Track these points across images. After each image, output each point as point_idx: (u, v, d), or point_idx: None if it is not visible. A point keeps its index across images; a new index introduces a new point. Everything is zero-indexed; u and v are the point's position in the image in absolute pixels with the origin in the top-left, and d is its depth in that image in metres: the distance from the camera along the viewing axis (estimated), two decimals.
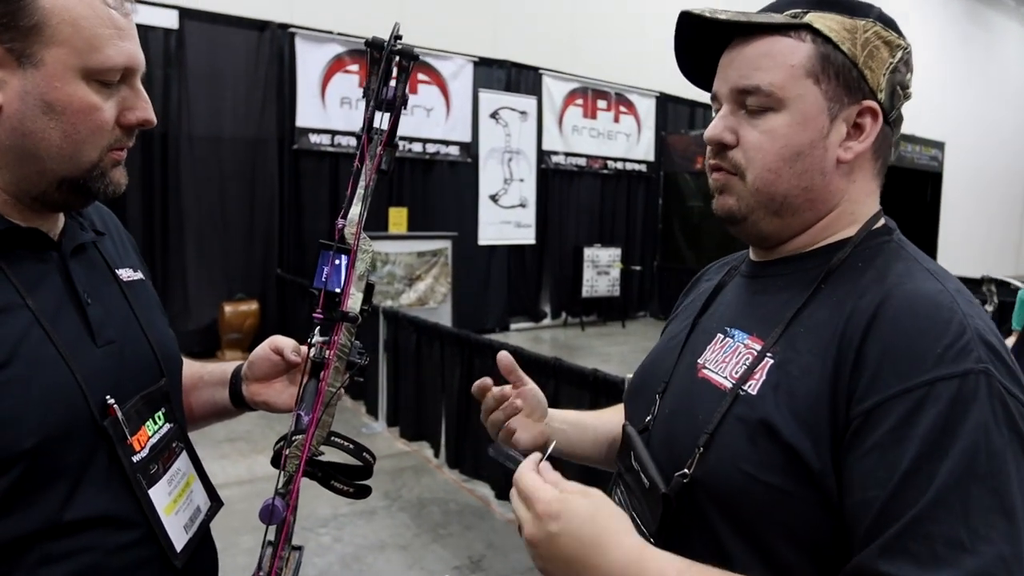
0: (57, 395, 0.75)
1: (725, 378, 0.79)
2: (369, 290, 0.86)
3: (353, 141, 7.61)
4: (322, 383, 0.82)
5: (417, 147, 8.09)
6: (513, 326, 9.23)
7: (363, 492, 0.92)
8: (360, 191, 0.87)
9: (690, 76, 0.91)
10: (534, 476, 0.71)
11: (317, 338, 0.84)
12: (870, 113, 0.78)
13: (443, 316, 7.49)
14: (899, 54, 0.79)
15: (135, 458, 0.82)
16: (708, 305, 0.94)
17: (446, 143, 8.33)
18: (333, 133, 7.48)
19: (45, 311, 0.77)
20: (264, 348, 1.06)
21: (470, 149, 8.57)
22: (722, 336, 0.85)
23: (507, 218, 9.04)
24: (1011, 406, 0.65)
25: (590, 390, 3.21)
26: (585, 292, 9.47)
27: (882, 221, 0.82)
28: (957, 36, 15.57)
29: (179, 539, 0.86)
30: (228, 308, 6.71)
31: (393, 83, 0.84)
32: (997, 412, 0.64)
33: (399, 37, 0.81)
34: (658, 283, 10.66)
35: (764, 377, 0.74)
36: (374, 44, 0.82)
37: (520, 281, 9.30)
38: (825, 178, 0.79)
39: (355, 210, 0.85)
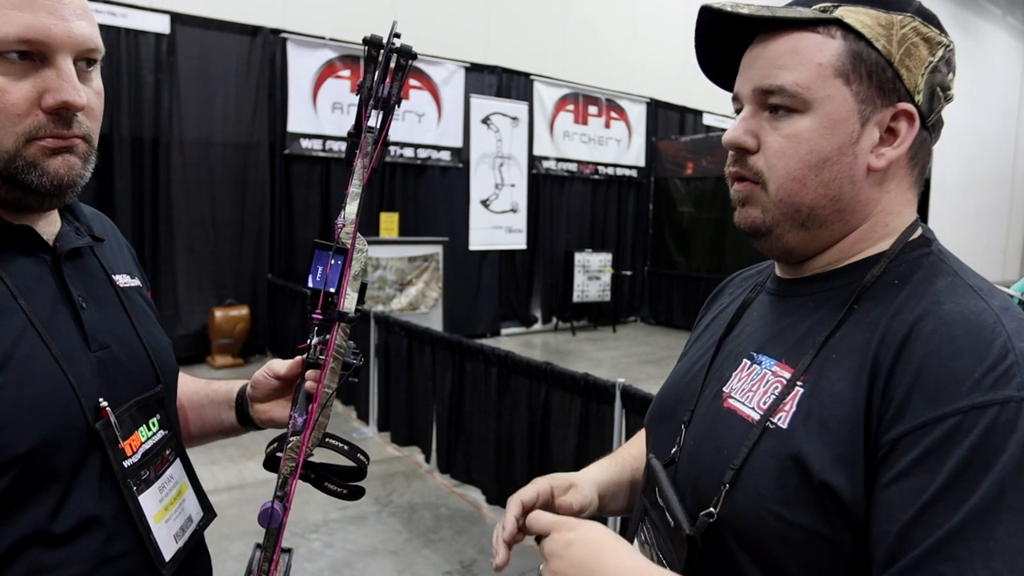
0: (51, 399, 0.73)
1: (752, 409, 0.73)
2: (362, 290, 0.85)
3: (344, 146, 7.57)
4: (319, 384, 0.81)
5: (408, 152, 8.10)
6: (504, 331, 9.23)
7: (356, 493, 0.92)
8: (353, 189, 0.86)
9: (712, 76, 0.85)
10: (543, 520, 0.78)
11: (314, 339, 0.84)
12: (905, 117, 0.71)
13: (434, 321, 7.49)
14: (940, 52, 0.72)
15: (126, 463, 0.81)
16: (733, 325, 0.87)
17: (437, 148, 8.34)
18: (324, 138, 7.48)
19: (39, 313, 0.75)
20: (263, 371, 1.05)
21: (461, 154, 8.59)
22: (748, 362, 0.78)
23: (498, 223, 9.05)
24: None
25: (581, 395, 3.22)
26: (576, 297, 9.50)
27: (919, 231, 0.75)
28: None
29: (168, 547, 0.85)
30: (218, 313, 6.68)
31: (388, 80, 0.83)
32: None
33: (397, 35, 0.80)
34: (649, 288, 10.70)
35: (795, 408, 0.68)
36: (372, 42, 0.81)
37: (511, 286, 9.31)
38: (855, 187, 0.72)
39: (350, 208, 0.85)
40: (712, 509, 0.71)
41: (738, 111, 0.78)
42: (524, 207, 9.27)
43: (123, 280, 0.93)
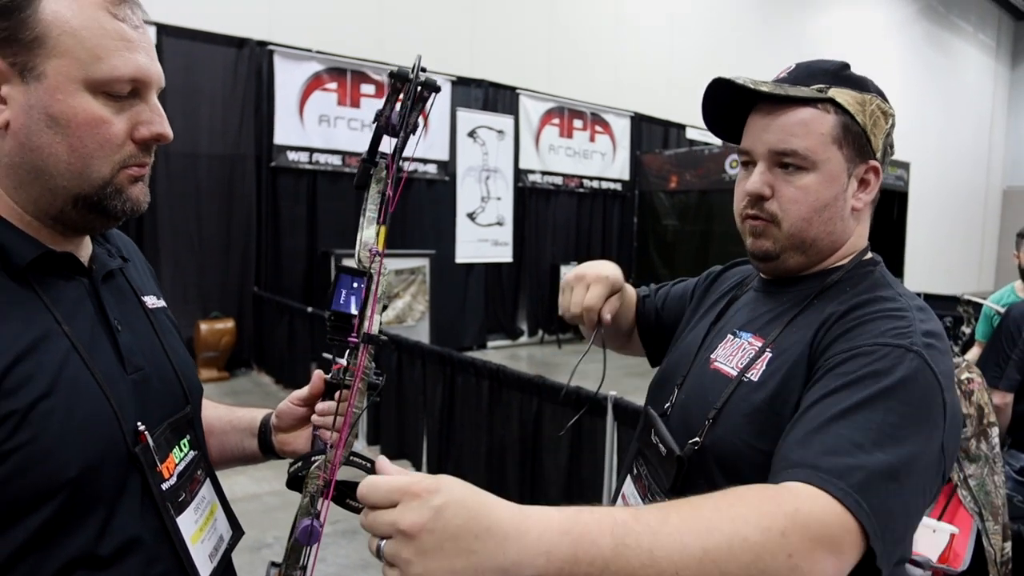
0: (96, 423, 0.75)
1: (731, 368, 0.97)
2: (383, 310, 0.87)
3: (331, 159, 7.60)
4: (348, 405, 0.83)
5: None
6: (490, 344, 9.24)
7: None
8: (369, 214, 0.87)
9: (712, 125, 1.06)
10: (390, 474, 0.66)
11: (340, 361, 0.86)
12: (873, 171, 0.96)
13: (421, 334, 7.48)
14: (890, 121, 0.97)
15: (164, 485, 0.82)
16: (722, 314, 1.11)
17: (424, 161, 8.37)
18: (311, 151, 7.47)
19: (81, 338, 0.77)
20: (287, 402, 1.06)
21: (448, 167, 8.61)
22: (732, 337, 1.02)
23: (484, 236, 9.08)
24: (929, 388, 0.78)
25: (573, 408, 3.24)
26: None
27: (870, 255, 1.00)
28: (920, 61, 16.05)
29: (204, 567, 0.86)
30: (204, 326, 6.63)
31: (399, 106, 0.85)
32: (919, 381, 0.78)
33: (423, 69, 0.83)
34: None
35: (764, 367, 0.92)
36: (399, 76, 0.83)
37: (497, 299, 9.33)
38: (843, 223, 0.96)
39: (368, 233, 0.86)
40: (698, 439, 0.93)
41: (744, 163, 1.00)
42: (510, 220, 9.31)
43: (151, 301, 0.95)
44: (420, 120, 0.87)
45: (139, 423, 0.80)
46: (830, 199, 0.94)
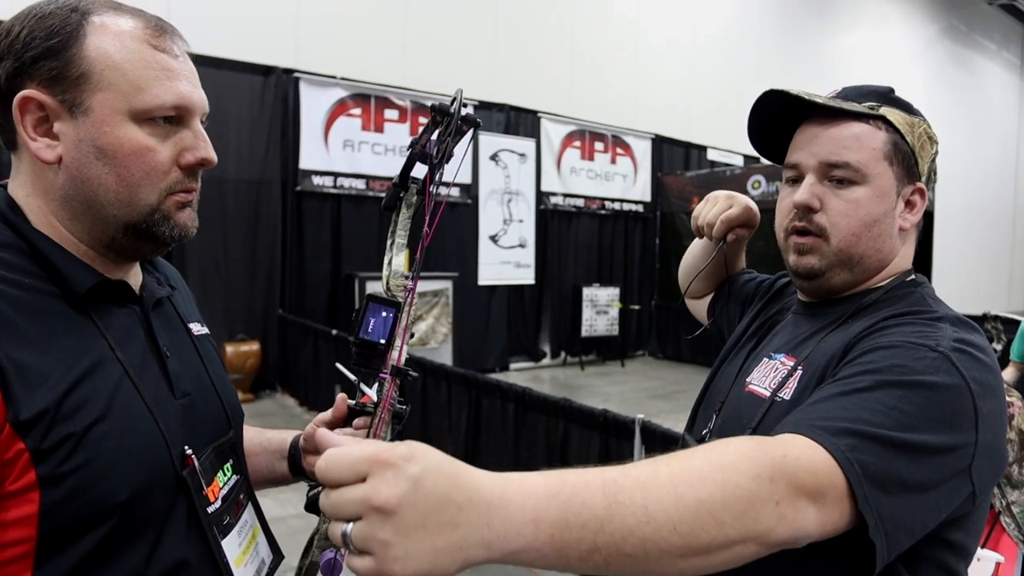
0: (146, 447, 0.76)
1: (764, 389, 0.96)
2: (409, 338, 0.87)
3: (355, 183, 7.69)
4: (376, 437, 0.83)
5: None
6: (513, 366, 9.21)
7: None
8: (398, 240, 0.88)
9: (755, 140, 1.05)
10: (352, 443, 0.57)
11: (369, 392, 0.86)
12: (919, 193, 0.96)
13: (444, 356, 7.48)
14: (935, 147, 0.97)
15: (210, 509, 0.83)
16: (762, 339, 1.10)
17: (448, 185, 8.38)
18: (336, 175, 7.56)
19: (133, 363, 0.79)
20: (312, 424, 1.06)
21: (470, 191, 8.67)
22: (767, 359, 1.01)
23: (507, 258, 9.10)
24: (955, 390, 0.74)
25: (600, 431, 3.22)
26: (584, 331, 9.49)
27: (913, 276, 0.98)
28: (944, 81, 15.95)
29: None
30: (230, 348, 6.69)
31: (435, 137, 0.86)
32: (942, 381, 0.74)
33: (464, 104, 0.85)
34: (656, 322, 10.70)
35: (796, 385, 0.91)
36: (439, 110, 0.85)
37: (520, 321, 9.32)
38: (891, 241, 0.95)
39: (397, 260, 0.87)
40: None
41: (790, 179, 0.98)
42: (532, 242, 9.33)
43: (196, 328, 0.97)
44: (455, 150, 0.88)
45: (186, 447, 0.81)
46: (880, 215, 0.92)
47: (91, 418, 0.71)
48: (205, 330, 1.00)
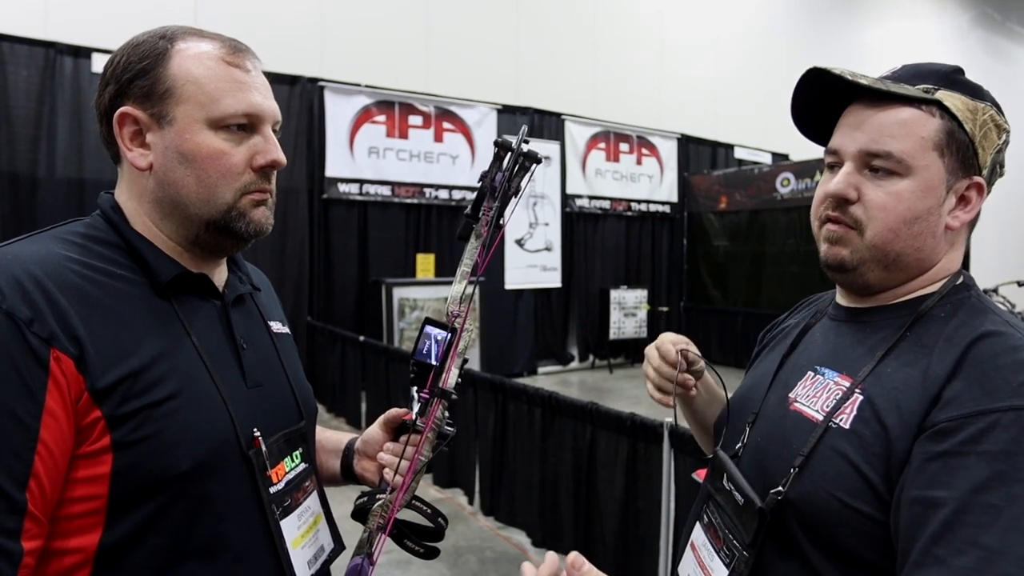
0: (213, 425, 0.83)
1: (816, 411, 0.86)
2: (463, 364, 0.91)
3: (381, 190, 7.75)
4: (416, 452, 0.86)
5: (443, 194, 8.22)
6: (541, 369, 9.19)
7: (432, 554, 0.97)
8: (463, 268, 0.93)
9: (800, 123, 0.97)
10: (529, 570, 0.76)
11: (415, 409, 0.90)
12: (976, 188, 0.86)
13: (471, 361, 7.43)
14: (1004, 137, 0.87)
15: (272, 489, 0.89)
16: (796, 344, 1.01)
17: (471, 189, 8.44)
18: (361, 182, 7.63)
19: (209, 350, 0.86)
20: (376, 428, 1.11)
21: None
22: (812, 374, 0.92)
23: (533, 262, 9.09)
24: None
25: (628, 435, 3.17)
26: (612, 334, 9.43)
27: (962, 278, 0.89)
28: (978, 70, 15.52)
29: (302, 571, 0.91)
30: None
31: (503, 173, 0.93)
32: None
33: (526, 140, 0.91)
34: (685, 324, 10.59)
35: (855, 412, 0.81)
36: (502, 145, 0.92)
37: (547, 324, 9.30)
38: (935, 241, 0.86)
39: (457, 288, 0.92)
40: (781, 488, 0.83)
41: (831, 164, 0.90)
42: (558, 245, 9.30)
43: (276, 327, 1.05)
44: (520, 185, 0.94)
45: (255, 429, 0.88)
46: (923, 211, 0.84)
47: (164, 394, 0.79)
48: (286, 330, 1.08)
